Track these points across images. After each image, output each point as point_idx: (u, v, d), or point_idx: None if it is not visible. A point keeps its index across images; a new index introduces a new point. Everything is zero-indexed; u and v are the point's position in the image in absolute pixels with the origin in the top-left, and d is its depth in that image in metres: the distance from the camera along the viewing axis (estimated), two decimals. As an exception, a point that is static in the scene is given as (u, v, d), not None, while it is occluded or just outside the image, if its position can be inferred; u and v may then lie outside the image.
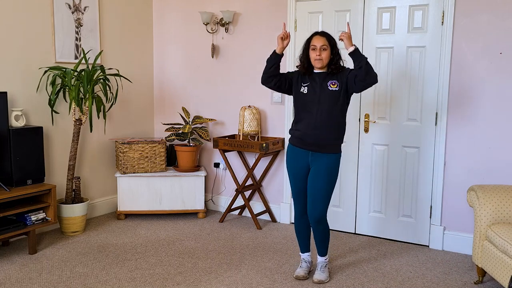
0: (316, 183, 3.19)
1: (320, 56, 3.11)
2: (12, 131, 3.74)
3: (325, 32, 3.21)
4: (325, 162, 3.18)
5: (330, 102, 3.12)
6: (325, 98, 3.12)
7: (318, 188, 3.19)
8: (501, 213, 3.16)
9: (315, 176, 3.20)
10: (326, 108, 3.12)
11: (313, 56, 3.14)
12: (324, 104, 3.12)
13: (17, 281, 3.29)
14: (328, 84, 3.13)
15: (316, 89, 3.15)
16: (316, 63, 3.13)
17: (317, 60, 3.12)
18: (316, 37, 3.16)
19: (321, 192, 3.19)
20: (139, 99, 5.17)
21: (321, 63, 3.13)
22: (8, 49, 3.94)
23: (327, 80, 3.14)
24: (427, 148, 3.98)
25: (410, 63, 3.97)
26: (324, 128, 3.13)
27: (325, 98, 3.12)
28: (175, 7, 5.10)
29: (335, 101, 3.12)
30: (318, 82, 3.15)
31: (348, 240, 4.20)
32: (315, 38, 3.16)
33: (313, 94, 3.15)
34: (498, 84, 3.66)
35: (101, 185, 4.84)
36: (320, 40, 3.13)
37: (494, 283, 3.31)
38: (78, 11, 4.45)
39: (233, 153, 4.84)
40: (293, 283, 3.31)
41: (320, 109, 3.12)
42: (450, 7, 3.74)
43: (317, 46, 3.12)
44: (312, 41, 3.16)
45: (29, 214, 3.77)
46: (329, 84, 3.13)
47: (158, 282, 3.30)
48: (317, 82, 3.16)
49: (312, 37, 3.18)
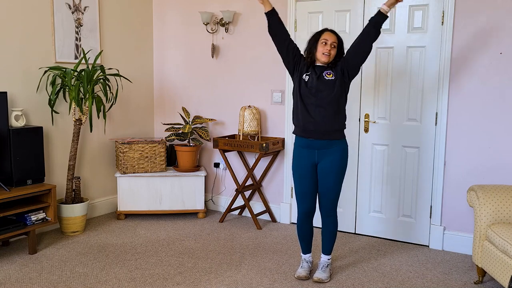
0: (326, 179, 3.24)
1: (330, 51, 3.15)
2: (12, 131, 3.74)
3: (335, 31, 3.26)
4: (332, 158, 3.22)
5: (328, 91, 3.15)
6: (323, 87, 3.15)
7: (330, 184, 3.24)
8: (501, 213, 3.16)
9: (324, 173, 3.24)
10: (325, 96, 3.15)
11: (321, 50, 3.16)
12: (322, 92, 3.15)
13: (17, 281, 3.29)
14: (324, 74, 3.18)
15: (314, 78, 3.18)
16: (324, 58, 3.16)
17: (325, 54, 3.15)
18: (327, 32, 3.21)
19: (331, 187, 3.25)
20: (139, 99, 5.17)
21: (327, 59, 3.16)
22: (8, 49, 3.94)
23: (323, 71, 3.19)
24: (427, 148, 3.98)
25: (410, 63, 3.97)
26: (323, 115, 3.16)
27: (323, 86, 3.15)
28: (175, 7, 5.10)
29: (332, 89, 3.16)
30: (318, 73, 3.20)
31: (348, 240, 4.20)
32: (327, 33, 3.19)
33: (311, 83, 3.18)
34: (498, 84, 3.66)
35: (101, 185, 4.84)
36: (331, 36, 3.18)
37: (494, 283, 3.31)
38: (78, 11, 4.45)
39: (233, 153, 4.84)
40: (293, 283, 3.31)
41: (319, 98, 3.15)
42: (450, 7, 3.74)
43: (328, 40, 3.15)
44: (324, 35, 3.19)
45: (29, 214, 3.77)
46: (324, 74, 3.18)
47: (158, 282, 3.30)
48: (316, 73, 3.20)
49: (323, 31, 3.22)
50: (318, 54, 3.18)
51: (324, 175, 3.24)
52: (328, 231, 3.37)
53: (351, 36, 4.14)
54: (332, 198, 3.28)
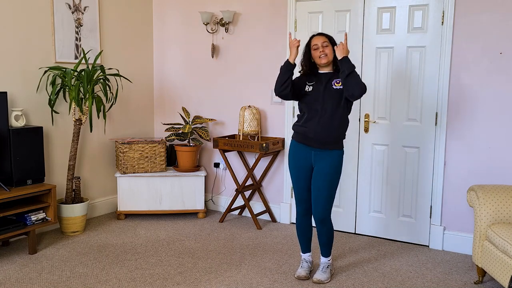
0: (320, 183, 3.20)
1: (324, 51, 3.14)
2: (12, 131, 3.74)
3: (322, 32, 3.27)
4: (328, 161, 3.19)
5: (334, 101, 3.13)
6: (329, 97, 3.14)
7: (322, 188, 3.19)
8: (501, 213, 3.16)
9: (318, 176, 3.21)
10: (330, 107, 3.13)
11: (317, 54, 3.16)
12: (328, 103, 3.13)
13: (17, 281, 3.29)
14: (332, 83, 3.15)
15: (320, 88, 3.16)
16: (322, 60, 3.15)
17: (322, 56, 3.14)
18: (315, 37, 3.21)
19: (325, 191, 3.20)
20: (139, 99, 5.17)
21: (326, 59, 3.15)
22: (8, 49, 3.94)
23: (332, 79, 3.16)
24: (427, 148, 3.98)
25: (410, 63, 3.97)
26: (327, 126, 3.14)
27: (329, 97, 3.14)
28: (175, 7, 5.10)
29: (339, 100, 3.14)
30: (324, 82, 3.17)
31: (348, 240, 4.20)
32: (315, 38, 3.20)
33: (317, 93, 3.16)
34: (498, 84, 3.66)
35: (101, 185, 4.84)
36: (319, 38, 3.18)
37: (494, 283, 3.31)
38: (78, 11, 4.45)
39: (233, 153, 4.84)
40: (293, 283, 3.31)
41: (324, 108, 3.14)
42: (450, 7, 3.74)
43: (318, 44, 3.15)
44: (312, 41, 3.20)
45: (29, 214, 3.77)
46: (333, 82, 3.15)
47: (158, 282, 3.30)
48: (322, 82, 3.18)
49: (311, 38, 3.23)
50: (316, 60, 3.18)
51: (318, 179, 3.20)
52: (324, 238, 3.32)
53: (351, 36, 4.14)
54: (324, 203, 3.21)
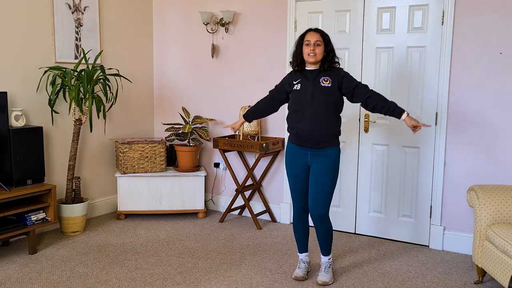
0: (318, 181, 3.18)
1: (314, 51, 3.10)
2: (12, 131, 3.74)
3: (319, 29, 3.22)
4: (325, 160, 3.17)
5: (323, 98, 3.11)
6: (318, 94, 3.11)
7: (320, 186, 3.18)
8: (501, 213, 3.16)
9: (316, 175, 3.19)
10: (319, 104, 3.10)
11: (306, 51, 3.12)
12: (317, 100, 3.11)
13: (17, 281, 3.29)
14: (320, 80, 3.12)
15: (308, 85, 3.14)
16: (310, 58, 3.11)
17: (311, 55, 3.10)
18: (310, 33, 3.17)
19: (323, 190, 3.18)
20: (139, 99, 5.17)
21: (314, 58, 3.11)
22: (8, 49, 3.94)
23: (319, 77, 3.14)
24: (427, 148, 3.98)
25: (410, 63, 3.97)
26: (318, 124, 3.12)
27: (317, 94, 3.11)
28: (175, 7, 5.10)
29: (328, 97, 3.12)
30: (310, 79, 3.15)
31: (348, 240, 4.20)
32: (309, 34, 3.15)
33: (305, 90, 3.14)
34: (498, 84, 3.66)
35: (101, 185, 4.84)
36: (314, 35, 3.13)
37: (494, 283, 3.31)
38: (78, 11, 4.45)
39: (233, 153, 4.84)
40: (293, 283, 3.31)
41: (313, 105, 3.11)
42: (450, 7, 3.74)
43: (311, 41, 3.11)
44: (306, 36, 3.16)
45: (29, 214, 3.77)
46: (321, 80, 3.12)
47: (158, 282, 3.30)
48: (309, 79, 3.15)
49: (306, 33, 3.18)
50: (304, 56, 3.15)
51: (316, 177, 3.19)
52: (323, 235, 3.31)
53: (351, 36, 4.15)
54: (323, 201, 3.19)
